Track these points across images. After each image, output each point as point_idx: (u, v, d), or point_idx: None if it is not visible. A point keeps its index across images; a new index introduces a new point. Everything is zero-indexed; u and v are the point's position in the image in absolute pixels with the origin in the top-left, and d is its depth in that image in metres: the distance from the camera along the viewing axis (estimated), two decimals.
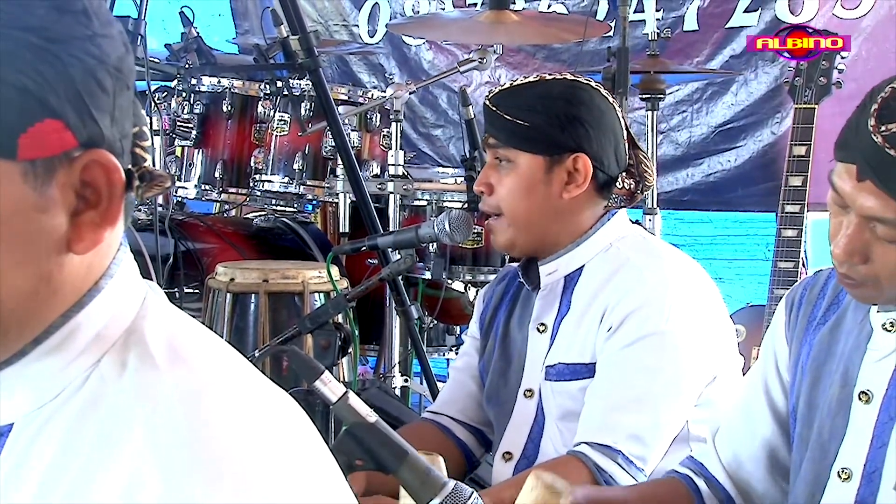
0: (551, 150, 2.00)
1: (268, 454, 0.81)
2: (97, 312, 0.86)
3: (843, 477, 1.49)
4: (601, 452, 1.88)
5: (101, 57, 0.82)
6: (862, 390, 1.49)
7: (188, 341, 0.88)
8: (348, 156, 3.22)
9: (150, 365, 0.84)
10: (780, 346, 1.65)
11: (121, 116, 0.85)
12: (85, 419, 0.82)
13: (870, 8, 4.06)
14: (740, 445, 1.70)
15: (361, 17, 5.27)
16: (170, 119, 3.86)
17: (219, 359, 0.88)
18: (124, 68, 0.85)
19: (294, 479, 0.82)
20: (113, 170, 0.83)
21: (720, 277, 4.36)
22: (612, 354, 1.94)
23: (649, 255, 2.02)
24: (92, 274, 0.86)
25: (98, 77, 0.82)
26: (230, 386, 0.85)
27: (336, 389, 1.33)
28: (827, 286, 1.60)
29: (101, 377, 0.84)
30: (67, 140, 0.81)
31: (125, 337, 0.86)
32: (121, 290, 0.88)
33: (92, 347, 0.85)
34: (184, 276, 3.51)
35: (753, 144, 4.33)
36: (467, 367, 2.23)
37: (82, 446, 0.81)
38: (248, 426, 0.82)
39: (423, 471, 1.29)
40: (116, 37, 0.85)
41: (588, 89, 2.02)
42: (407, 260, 2.29)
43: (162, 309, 0.90)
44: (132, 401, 0.82)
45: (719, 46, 4.37)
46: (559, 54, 4.71)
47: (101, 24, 0.84)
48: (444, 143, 5.05)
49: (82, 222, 0.83)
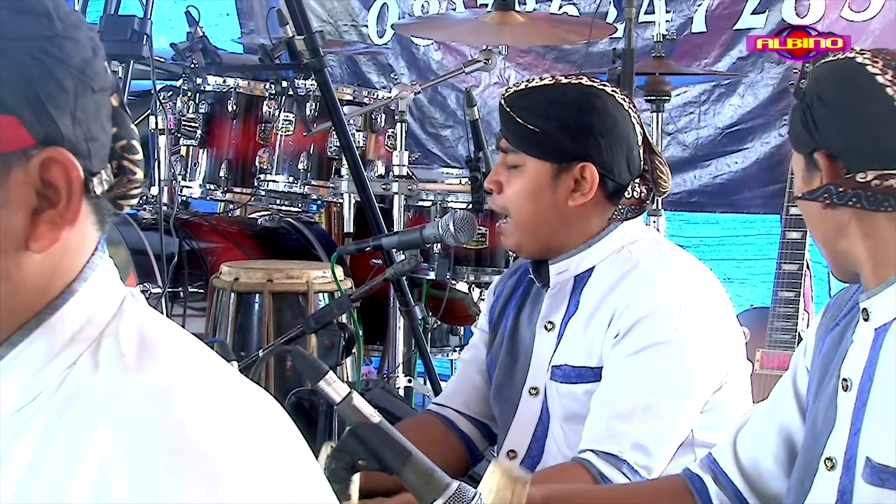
0: (559, 157, 1.99)
1: (238, 451, 0.81)
2: (71, 314, 0.86)
3: (828, 466, 1.49)
4: (606, 461, 1.87)
5: (61, 57, 0.84)
6: (843, 378, 1.49)
7: (161, 342, 0.88)
8: (353, 156, 3.22)
9: (121, 365, 0.84)
10: (809, 345, 1.65)
11: (84, 118, 0.85)
12: (60, 420, 0.82)
13: (878, 10, 4.05)
14: (759, 441, 1.68)
15: (370, 18, 5.27)
16: (175, 118, 3.86)
17: (191, 358, 0.88)
18: (89, 71, 0.86)
19: (266, 476, 0.81)
20: (71, 168, 0.84)
21: (728, 278, 4.36)
22: (619, 361, 1.93)
23: (660, 261, 2.01)
24: (60, 276, 0.87)
25: (57, 77, 0.83)
26: (201, 385, 0.85)
27: (340, 390, 1.32)
28: (855, 292, 1.60)
29: (76, 379, 0.84)
30: (23, 137, 0.82)
31: (100, 339, 0.86)
32: (96, 292, 0.88)
33: (68, 349, 0.85)
34: (188, 276, 3.50)
35: (760, 146, 4.33)
36: (474, 359, 2.22)
37: (58, 447, 0.81)
38: (218, 424, 0.82)
39: (427, 471, 1.28)
40: (83, 41, 0.87)
41: (602, 96, 2.00)
42: (411, 260, 2.29)
43: (139, 312, 0.90)
44: (102, 401, 0.82)
45: (727, 48, 4.37)
46: (569, 55, 4.70)
47: (65, 26, 0.85)
48: (452, 144, 5.05)
49: (41, 220, 0.84)
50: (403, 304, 3.07)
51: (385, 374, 3.50)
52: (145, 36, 3.16)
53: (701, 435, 1.95)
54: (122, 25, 3.07)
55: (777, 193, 3.94)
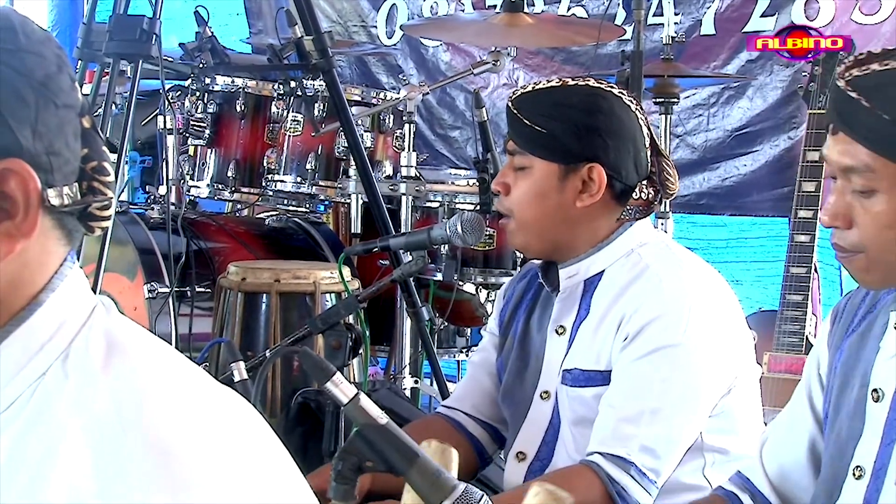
0: (567, 158, 1.99)
1: (208, 455, 0.81)
2: (40, 325, 0.86)
3: (856, 475, 1.49)
4: (614, 464, 1.86)
5: (22, 70, 0.85)
6: (874, 388, 1.49)
7: (129, 348, 0.88)
8: (361, 157, 3.22)
9: (89, 373, 0.85)
10: (822, 354, 1.65)
11: (47, 132, 0.86)
12: (31, 431, 0.82)
13: (890, 13, 4.03)
14: (786, 455, 1.69)
15: (380, 18, 5.26)
16: (183, 118, 3.86)
17: (159, 363, 0.88)
18: (52, 86, 0.87)
19: (235, 478, 0.82)
20: (28, 179, 0.84)
21: (736, 280, 4.35)
22: (628, 364, 1.93)
23: (669, 264, 2.00)
24: (23, 289, 0.87)
25: (17, 88, 0.84)
26: (169, 390, 0.85)
27: (347, 391, 1.32)
28: (868, 295, 1.60)
29: (46, 389, 0.84)
30: None
31: (69, 349, 0.86)
32: (64, 303, 0.88)
33: (37, 360, 0.85)
34: (195, 276, 3.50)
35: (769, 149, 4.31)
36: (484, 362, 2.22)
37: (28, 458, 0.81)
38: (187, 428, 0.82)
39: (434, 473, 1.28)
40: (49, 57, 0.87)
41: (609, 97, 2.00)
42: (418, 261, 2.29)
43: (109, 318, 0.90)
44: (70, 410, 0.82)
45: (736, 51, 4.36)
46: (577, 57, 4.70)
47: (30, 42, 0.86)
48: (461, 145, 5.05)
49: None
50: (410, 305, 3.07)
51: (392, 375, 3.50)
52: (154, 36, 3.16)
53: (710, 439, 1.95)
54: (131, 25, 3.07)
55: (786, 196, 3.93)
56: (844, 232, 1.45)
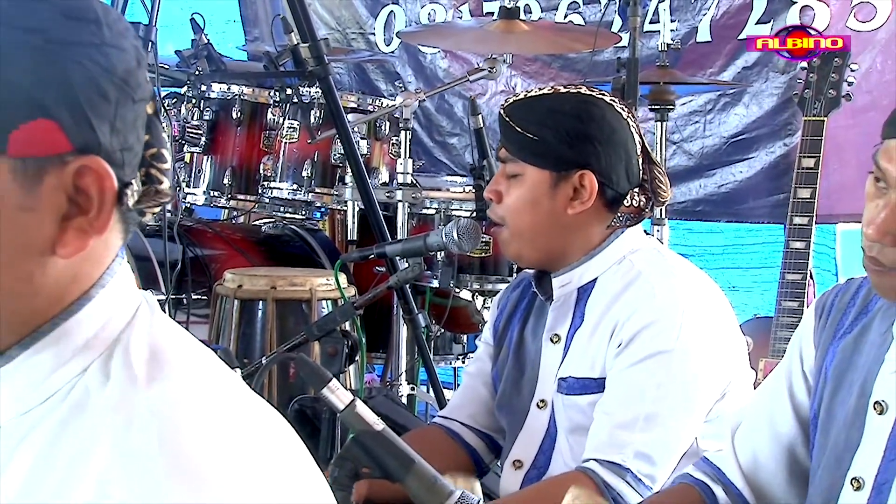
0: (558, 165, 1.99)
1: (242, 470, 0.81)
2: (86, 321, 0.86)
3: (855, 486, 1.48)
4: (610, 470, 1.87)
5: (106, 66, 0.83)
6: (877, 401, 1.48)
7: (170, 355, 0.87)
8: (357, 164, 3.22)
9: (130, 377, 0.84)
10: (807, 349, 1.63)
11: (123, 128, 0.85)
12: (66, 428, 0.82)
13: (885, 20, 4.04)
14: (761, 446, 1.68)
15: (378, 25, 5.27)
16: (179, 125, 3.86)
17: (200, 372, 0.88)
18: (131, 81, 0.86)
19: (264, 497, 0.81)
20: (105, 177, 0.83)
21: (732, 286, 4.35)
22: (622, 371, 1.93)
23: (662, 270, 2.01)
24: (80, 283, 0.86)
25: (100, 84, 0.83)
26: (208, 401, 0.85)
27: (343, 397, 1.32)
28: (858, 294, 1.58)
29: (85, 387, 0.84)
30: (60, 142, 0.81)
31: (112, 348, 0.86)
32: (112, 300, 0.88)
33: (80, 356, 0.85)
34: (191, 283, 3.50)
35: (765, 156, 4.32)
36: (479, 372, 2.22)
37: (62, 455, 0.81)
38: (223, 442, 0.82)
39: (430, 479, 1.28)
40: (129, 50, 0.86)
41: (600, 104, 2.00)
42: (415, 268, 2.29)
43: (152, 319, 0.90)
44: (108, 413, 0.82)
45: (732, 58, 4.37)
46: (575, 63, 4.70)
47: (113, 35, 0.85)
48: (459, 152, 5.05)
49: (70, 227, 0.83)
50: (407, 311, 3.07)
51: (388, 382, 3.49)
52: (150, 43, 3.17)
53: (705, 444, 1.95)
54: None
55: (781, 203, 3.93)
56: (888, 248, 1.40)
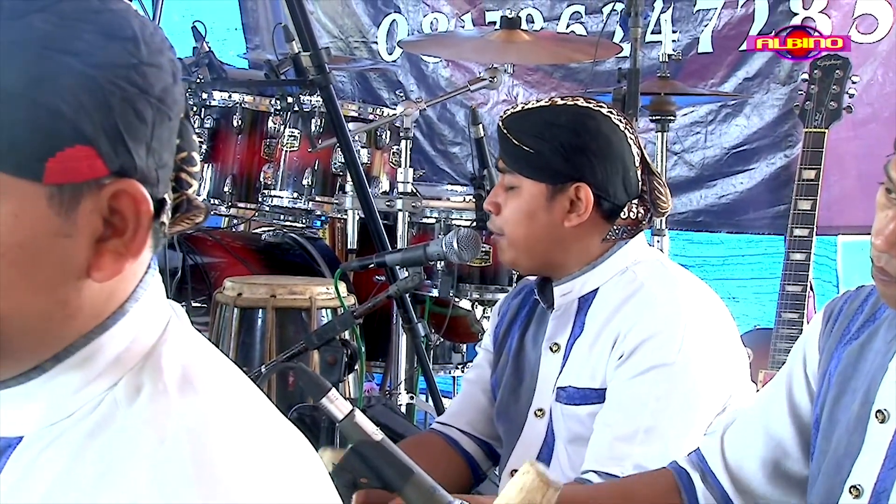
0: (554, 178, 1.99)
1: (273, 494, 0.80)
2: (119, 335, 0.85)
3: (853, 494, 1.48)
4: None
5: (143, 87, 0.81)
6: (879, 409, 1.47)
7: (202, 371, 0.87)
8: (358, 172, 3.22)
9: (162, 393, 0.83)
10: (811, 352, 1.62)
11: (159, 147, 0.83)
12: (93, 441, 0.81)
13: (886, 32, 4.05)
14: (750, 444, 1.67)
15: (380, 34, 5.27)
16: None
17: (231, 391, 0.87)
18: (168, 99, 0.83)
19: None
20: (141, 201, 0.81)
21: (733, 297, 4.35)
22: (623, 383, 1.92)
23: (664, 282, 2.00)
24: (115, 300, 0.85)
25: (137, 107, 0.81)
26: (239, 421, 0.84)
27: (342, 407, 1.32)
28: (866, 302, 1.58)
29: (114, 401, 0.83)
30: (97, 168, 0.79)
31: (143, 362, 0.85)
32: (144, 313, 0.86)
33: (111, 370, 0.84)
34: (191, 290, 3.50)
35: (766, 167, 4.33)
36: (479, 379, 2.21)
37: (87, 468, 0.80)
38: (255, 464, 0.81)
39: (429, 490, 1.27)
40: (165, 66, 0.84)
41: (597, 117, 2.00)
42: (414, 277, 2.28)
43: (182, 334, 0.89)
44: (140, 429, 0.81)
45: (733, 69, 4.37)
46: (576, 74, 4.71)
47: (150, 52, 0.82)
48: (461, 161, 5.06)
49: (105, 250, 0.81)
50: (406, 321, 3.07)
51: (387, 391, 3.49)
52: None
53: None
54: None
55: (782, 214, 3.93)
56: (894, 259, 1.39)
